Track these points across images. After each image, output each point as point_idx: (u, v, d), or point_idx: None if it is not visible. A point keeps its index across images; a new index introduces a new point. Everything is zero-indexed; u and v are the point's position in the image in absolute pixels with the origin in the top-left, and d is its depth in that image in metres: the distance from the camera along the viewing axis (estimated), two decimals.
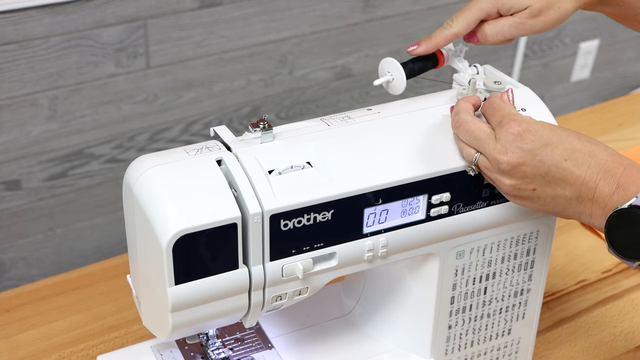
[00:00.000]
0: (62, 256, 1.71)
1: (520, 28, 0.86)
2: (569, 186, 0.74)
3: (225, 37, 1.69)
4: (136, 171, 0.75)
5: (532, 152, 0.74)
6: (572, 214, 0.76)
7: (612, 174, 0.72)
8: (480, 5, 0.86)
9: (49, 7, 1.46)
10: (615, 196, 0.72)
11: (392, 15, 1.92)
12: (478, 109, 0.82)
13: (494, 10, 0.86)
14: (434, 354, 0.91)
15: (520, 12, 0.86)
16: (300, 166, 0.77)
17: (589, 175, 0.73)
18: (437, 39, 0.86)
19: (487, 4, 0.86)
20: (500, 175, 0.76)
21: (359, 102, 2.00)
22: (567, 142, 0.74)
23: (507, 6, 0.86)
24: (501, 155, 0.75)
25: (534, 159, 0.74)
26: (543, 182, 0.75)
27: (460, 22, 0.86)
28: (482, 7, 0.86)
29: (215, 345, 0.90)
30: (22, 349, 1.02)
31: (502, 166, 0.75)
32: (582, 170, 0.73)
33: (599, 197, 0.73)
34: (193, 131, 1.76)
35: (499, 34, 0.87)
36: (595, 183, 0.73)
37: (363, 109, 0.85)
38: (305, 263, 0.77)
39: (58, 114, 1.56)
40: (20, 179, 1.58)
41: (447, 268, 0.86)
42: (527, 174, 0.75)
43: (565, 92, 2.52)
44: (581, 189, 0.73)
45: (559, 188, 0.74)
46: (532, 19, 0.86)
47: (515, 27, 0.86)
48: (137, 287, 0.83)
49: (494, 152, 0.75)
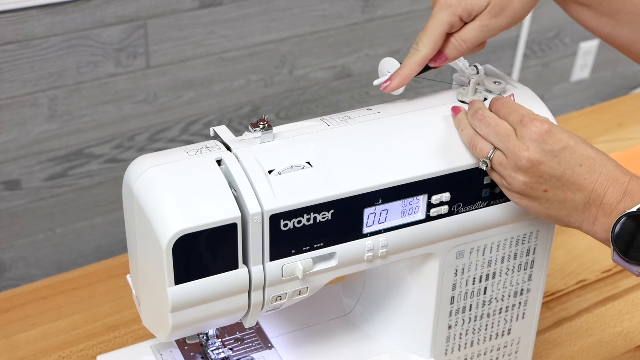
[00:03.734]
0: (62, 256, 1.71)
1: (486, 31, 0.82)
2: (580, 191, 0.75)
3: (225, 37, 1.69)
4: (136, 171, 0.75)
5: (552, 153, 0.75)
6: (575, 221, 0.77)
7: (619, 183, 0.75)
8: (441, 18, 0.82)
9: (49, 7, 1.46)
10: (622, 204, 0.74)
11: (392, 15, 1.92)
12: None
13: (456, 19, 0.82)
14: (434, 354, 0.91)
15: (482, 14, 0.82)
16: (300, 166, 0.77)
17: (600, 183, 0.75)
18: (408, 68, 0.83)
19: (448, 14, 0.81)
20: (515, 172, 0.76)
21: (359, 102, 2.00)
22: (583, 149, 0.76)
23: (467, 10, 0.81)
24: (523, 152, 0.75)
25: (552, 160, 0.75)
26: (557, 184, 0.76)
27: (426, 43, 0.82)
28: (443, 20, 0.82)
29: (215, 345, 0.90)
30: (22, 349, 1.02)
31: (522, 162, 0.75)
32: (595, 177, 0.75)
33: (607, 203, 0.75)
34: (193, 131, 1.76)
35: (467, 43, 0.83)
36: (605, 190, 0.75)
37: (363, 109, 0.85)
38: (305, 263, 0.77)
39: (58, 114, 1.56)
40: (20, 179, 1.58)
41: (447, 268, 0.86)
42: (543, 174, 0.75)
43: (565, 92, 2.52)
44: (591, 195, 0.75)
45: (570, 192, 0.76)
46: (496, 18, 0.82)
47: (481, 30, 0.82)
48: (137, 287, 0.83)
49: (516, 149, 0.76)
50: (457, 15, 0.81)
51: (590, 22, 0.88)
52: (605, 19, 0.86)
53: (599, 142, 1.49)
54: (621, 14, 0.86)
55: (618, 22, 0.86)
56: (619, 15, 0.86)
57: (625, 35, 0.87)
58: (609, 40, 0.88)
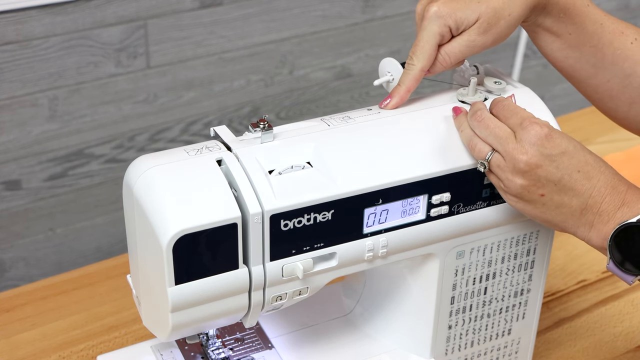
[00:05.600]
0: (62, 256, 1.71)
1: (472, 46, 0.83)
2: (577, 197, 0.75)
3: (225, 37, 1.69)
4: (136, 171, 0.75)
5: (550, 157, 0.75)
6: (570, 226, 0.77)
7: (618, 191, 0.75)
8: (432, 29, 0.82)
9: (49, 7, 1.46)
10: (620, 212, 0.74)
11: (392, 15, 1.92)
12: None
13: (446, 29, 0.82)
14: (434, 354, 0.91)
15: (469, 30, 0.82)
16: (300, 166, 0.77)
17: (597, 189, 0.75)
18: (406, 85, 0.83)
19: (439, 24, 0.81)
20: (513, 174, 0.76)
21: (359, 102, 2.00)
22: (581, 154, 0.75)
23: (457, 23, 0.81)
24: (521, 155, 0.75)
25: (550, 164, 0.75)
26: (554, 189, 0.75)
27: (420, 57, 0.82)
28: (435, 31, 0.82)
29: (215, 345, 0.90)
30: (22, 349, 1.02)
31: (520, 165, 0.75)
32: (592, 183, 0.75)
33: (604, 211, 0.75)
34: (193, 131, 1.76)
35: (451, 57, 0.83)
36: (603, 197, 0.75)
37: (363, 109, 0.85)
38: (306, 263, 0.77)
39: (58, 114, 1.56)
40: (20, 179, 1.58)
41: (447, 268, 0.86)
42: (540, 178, 0.75)
43: (565, 92, 2.52)
44: (588, 201, 0.75)
45: (566, 197, 0.75)
46: (483, 34, 0.82)
47: (467, 46, 0.83)
48: (137, 287, 0.83)
49: (514, 151, 0.75)
50: (447, 26, 0.82)
51: (557, 52, 0.88)
52: (570, 51, 0.87)
53: (599, 142, 1.49)
54: (586, 46, 0.86)
55: (582, 54, 0.87)
56: (584, 47, 0.87)
57: (585, 69, 0.88)
58: (570, 71, 0.89)
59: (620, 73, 0.87)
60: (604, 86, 0.88)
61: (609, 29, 0.86)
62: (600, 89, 0.88)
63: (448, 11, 0.81)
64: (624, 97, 0.88)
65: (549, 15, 0.86)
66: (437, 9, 0.81)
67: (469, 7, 0.81)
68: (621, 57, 0.86)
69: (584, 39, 0.86)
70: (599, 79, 0.88)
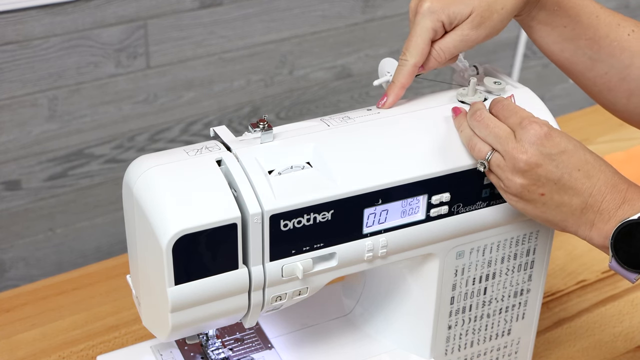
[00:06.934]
0: (62, 256, 1.71)
1: (465, 41, 0.82)
2: (577, 196, 0.75)
3: (225, 37, 1.69)
4: (136, 171, 0.75)
5: (549, 156, 0.75)
6: (571, 226, 0.77)
7: (618, 190, 0.75)
8: (425, 24, 0.81)
9: (49, 7, 1.46)
10: (621, 210, 0.74)
11: (392, 15, 1.92)
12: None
13: (439, 25, 0.81)
14: (434, 354, 0.91)
15: (462, 24, 0.82)
16: (300, 166, 0.77)
17: (597, 188, 0.75)
18: (400, 81, 0.83)
19: (432, 19, 0.81)
20: (512, 174, 0.76)
21: (359, 102, 1.99)
22: (581, 153, 0.75)
23: (450, 17, 0.81)
24: (521, 154, 0.75)
25: (550, 163, 0.75)
26: (554, 188, 0.75)
27: (413, 52, 0.82)
28: (427, 26, 0.81)
29: (215, 346, 0.90)
30: (22, 349, 1.02)
31: (520, 164, 0.75)
32: (592, 181, 0.75)
33: (605, 209, 0.75)
34: (193, 131, 1.76)
35: (445, 52, 0.83)
36: (603, 196, 0.75)
37: (363, 109, 0.85)
38: (305, 263, 0.77)
39: (58, 114, 1.56)
40: (20, 179, 1.58)
41: (447, 268, 0.86)
42: (540, 177, 0.75)
43: (565, 92, 2.52)
44: (588, 200, 0.75)
45: (566, 196, 0.75)
46: (476, 29, 0.82)
47: (460, 40, 0.82)
48: (137, 287, 0.83)
49: (514, 150, 0.75)
50: (440, 21, 0.81)
51: (552, 45, 0.88)
52: (566, 44, 0.87)
53: (599, 142, 1.49)
54: (582, 39, 0.86)
55: (578, 47, 0.87)
56: (580, 40, 0.86)
57: (582, 62, 0.87)
58: (567, 65, 0.89)
59: (617, 65, 0.86)
60: (601, 79, 0.88)
61: (605, 21, 0.86)
62: (598, 81, 0.88)
63: (441, 6, 0.81)
64: (622, 89, 0.87)
65: (543, 9, 0.85)
66: (430, 4, 0.81)
67: (462, 2, 0.81)
68: (618, 49, 0.86)
69: (580, 32, 0.86)
70: (596, 71, 0.88)
